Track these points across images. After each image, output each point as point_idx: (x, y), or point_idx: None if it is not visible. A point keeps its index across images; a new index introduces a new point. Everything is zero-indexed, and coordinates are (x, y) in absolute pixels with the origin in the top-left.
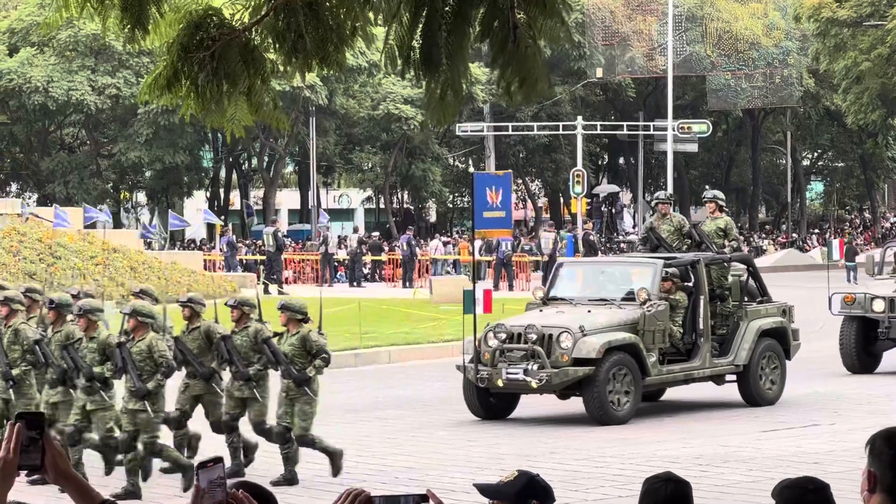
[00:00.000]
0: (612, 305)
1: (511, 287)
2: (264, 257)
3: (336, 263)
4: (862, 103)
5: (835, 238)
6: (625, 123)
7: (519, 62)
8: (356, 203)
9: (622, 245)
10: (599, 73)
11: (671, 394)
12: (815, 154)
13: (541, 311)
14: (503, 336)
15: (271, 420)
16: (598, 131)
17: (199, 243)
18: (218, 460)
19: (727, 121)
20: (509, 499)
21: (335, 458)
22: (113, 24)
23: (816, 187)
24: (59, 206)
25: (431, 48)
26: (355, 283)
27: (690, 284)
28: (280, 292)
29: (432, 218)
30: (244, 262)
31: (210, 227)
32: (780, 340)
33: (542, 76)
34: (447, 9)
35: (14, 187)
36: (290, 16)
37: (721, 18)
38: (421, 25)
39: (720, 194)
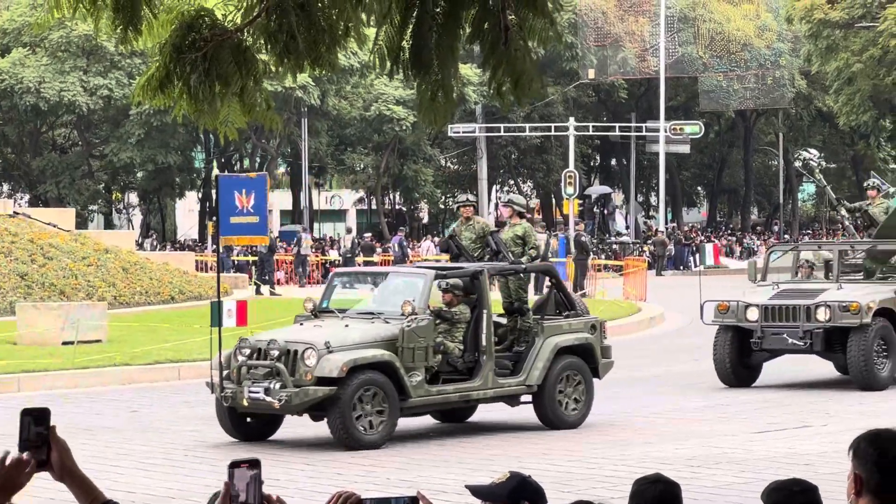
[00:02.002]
0: (377, 319)
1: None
2: (256, 258)
3: (328, 264)
4: (854, 104)
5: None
6: (617, 124)
7: (510, 63)
8: (348, 204)
9: (614, 246)
10: (591, 74)
11: (660, 401)
12: None
13: (301, 324)
14: (247, 352)
15: None
16: (590, 132)
17: (189, 243)
18: (255, 463)
19: (719, 122)
20: (501, 500)
21: None
22: (105, 24)
23: (808, 188)
24: (52, 206)
25: (422, 49)
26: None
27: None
28: (272, 293)
29: (424, 219)
30: (236, 262)
31: (201, 228)
32: (587, 358)
33: (534, 77)
34: (438, 10)
35: (6, 188)
36: (281, 17)
37: (713, 20)
38: (411, 26)
39: (518, 199)
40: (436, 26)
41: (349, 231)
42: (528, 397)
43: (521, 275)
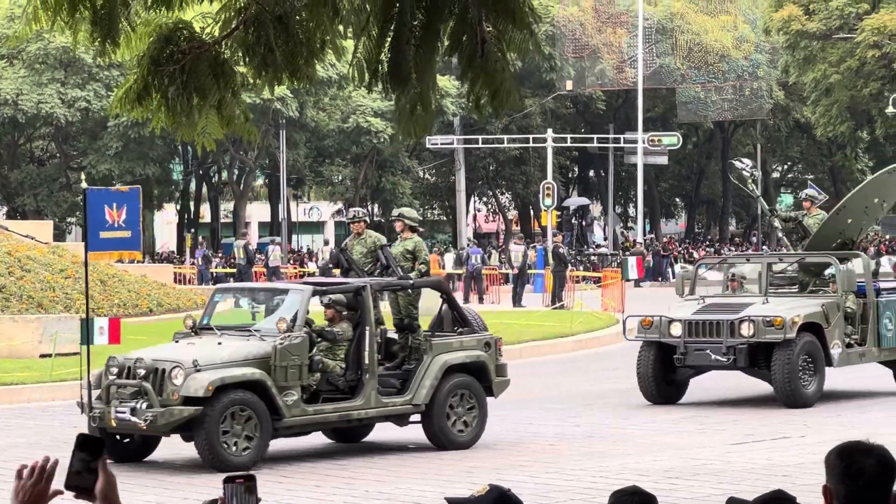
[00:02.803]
0: (253, 337)
1: (481, 300)
2: (235, 270)
3: (305, 276)
4: (831, 115)
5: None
6: (595, 136)
7: (488, 75)
8: (326, 216)
9: (592, 258)
10: (569, 85)
11: (636, 413)
12: (785, 166)
13: (176, 342)
14: (115, 370)
15: None
16: (569, 144)
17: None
18: (250, 478)
19: (697, 133)
20: None
21: None
22: (83, 36)
23: (786, 199)
24: (29, 218)
25: (400, 62)
26: None
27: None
28: None
29: None
30: (215, 274)
31: (180, 240)
32: (480, 377)
33: (512, 89)
34: (416, 23)
35: None
36: (259, 29)
37: (691, 31)
38: (389, 39)
39: (409, 212)
40: (414, 39)
41: (326, 243)
42: (419, 416)
43: (411, 290)
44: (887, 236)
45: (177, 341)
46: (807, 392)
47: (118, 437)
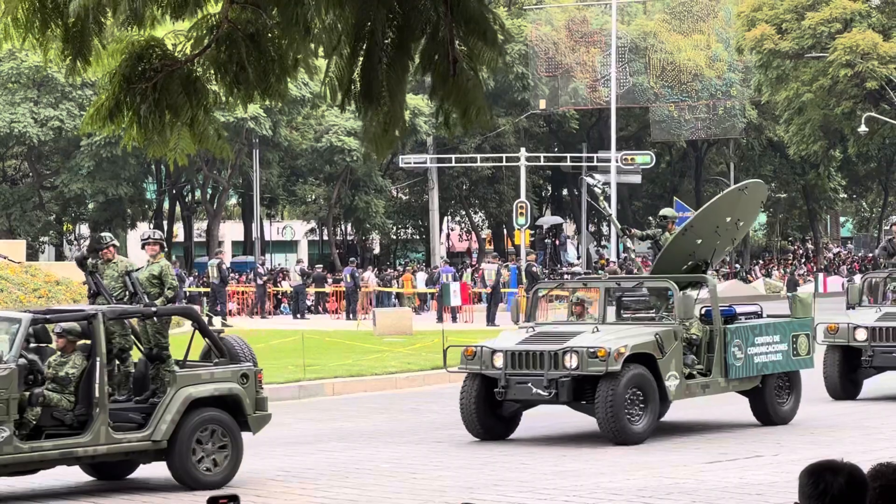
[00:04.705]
0: None
1: (454, 319)
2: (209, 289)
3: (280, 295)
4: (804, 134)
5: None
6: (568, 155)
7: (459, 94)
8: (300, 235)
9: (566, 276)
10: (543, 104)
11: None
12: None
13: None
14: None
15: None
16: (542, 163)
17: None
18: (234, 498)
19: (670, 152)
20: None
21: None
22: (55, 54)
23: (759, 218)
24: (2, 237)
25: (371, 81)
26: (299, 315)
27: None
28: (224, 324)
29: (376, 250)
30: (188, 293)
31: None
32: (234, 411)
33: (482, 107)
34: (387, 42)
35: None
36: (231, 47)
37: (664, 50)
38: (361, 58)
39: (159, 234)
40: (386, 58)
41: (298, 262)
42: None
43: (157, 319)
44: (860, 253)
45: None
46: (634, 428)
47: None
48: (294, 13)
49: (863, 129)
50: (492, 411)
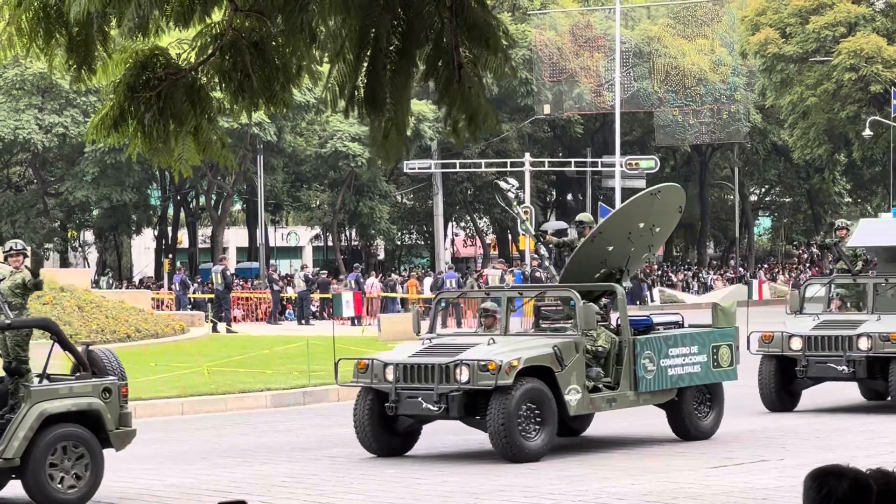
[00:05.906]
0: None
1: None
2: (213, 295)
3: (284, 301)
4: (808, 138)
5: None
6: (572, 160)
7: (465, 100)
8: (304, 241)
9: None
10: (547, 109)
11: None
12: (763, 189)
13: None
14: None
15: None
16: (546, 168)
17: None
18: None
19: (675, 157)
20: None
21: None
22: (59, 63)
23: (764, 222)
24: None
25: (375, 88)
26: (304, 321)
27: None
28: (228, 330)
29: (380, 255)
30: (193, 300)
31: (158, 265)
32: (94, 427)
33: (489, 113)
34: (392, 48)
35: None
36: (236, 55)
37: (668, 54)
38: (365, 65)
39: (19, 243)
40: (390, 64)
41: (303, 268)
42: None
43: (17, 330)
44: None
45: None
46: (530, 445)
47: None
48: (299, 20)
49: (867, 132)
50: (387, 426)
